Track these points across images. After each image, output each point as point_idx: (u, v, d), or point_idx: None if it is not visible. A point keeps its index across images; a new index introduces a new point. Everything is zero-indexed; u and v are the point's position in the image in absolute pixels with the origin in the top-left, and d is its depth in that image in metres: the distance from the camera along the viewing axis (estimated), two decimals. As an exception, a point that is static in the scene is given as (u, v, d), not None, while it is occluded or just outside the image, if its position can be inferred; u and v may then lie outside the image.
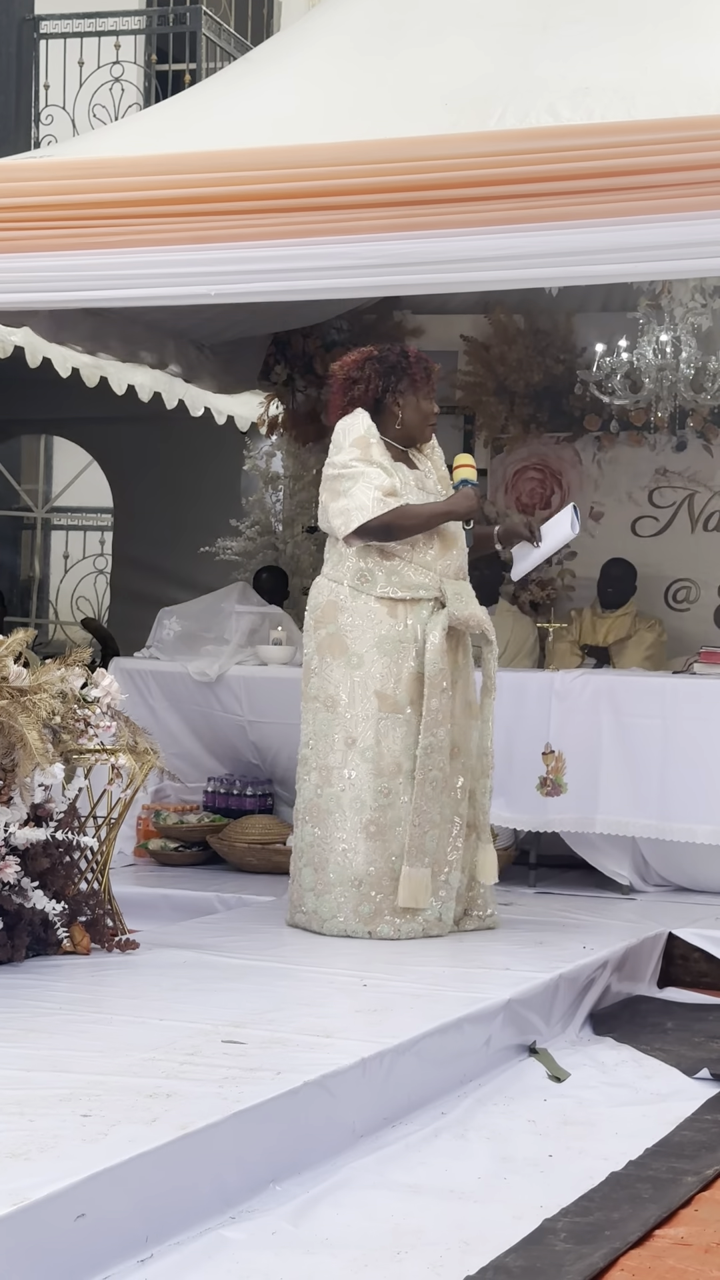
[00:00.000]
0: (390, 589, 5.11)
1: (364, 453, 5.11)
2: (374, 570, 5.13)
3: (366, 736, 5.06)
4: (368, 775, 5.05)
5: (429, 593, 5.11)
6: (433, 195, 5.33)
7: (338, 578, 5.18)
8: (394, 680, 5.07)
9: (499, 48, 5.84)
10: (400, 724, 5.05)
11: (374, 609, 5.10)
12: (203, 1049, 3.55)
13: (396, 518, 5.05)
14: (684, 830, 5.89)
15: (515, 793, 6.01)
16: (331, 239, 5.44)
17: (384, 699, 5.06)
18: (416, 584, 5.11)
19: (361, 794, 5.05)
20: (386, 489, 5.06)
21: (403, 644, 5.08)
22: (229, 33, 11.38)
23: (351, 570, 5.15)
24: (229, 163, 5.65)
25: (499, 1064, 4.12)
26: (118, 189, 5.72)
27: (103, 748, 4.71)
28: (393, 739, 5.05)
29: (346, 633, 5.12)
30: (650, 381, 7.23)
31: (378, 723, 5.05)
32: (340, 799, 5.08)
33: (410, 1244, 2.93)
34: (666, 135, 5.17)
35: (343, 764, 5.08)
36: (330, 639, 5.15)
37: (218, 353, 8.16)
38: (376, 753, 5.05)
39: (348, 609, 5.13)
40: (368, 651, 5.09)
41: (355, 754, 5.07)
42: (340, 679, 5.12)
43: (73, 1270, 2.63)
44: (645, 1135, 3.66)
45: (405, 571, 5.12)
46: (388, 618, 5.10)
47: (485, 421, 8.30)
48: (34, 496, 12.68)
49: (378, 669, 5.07)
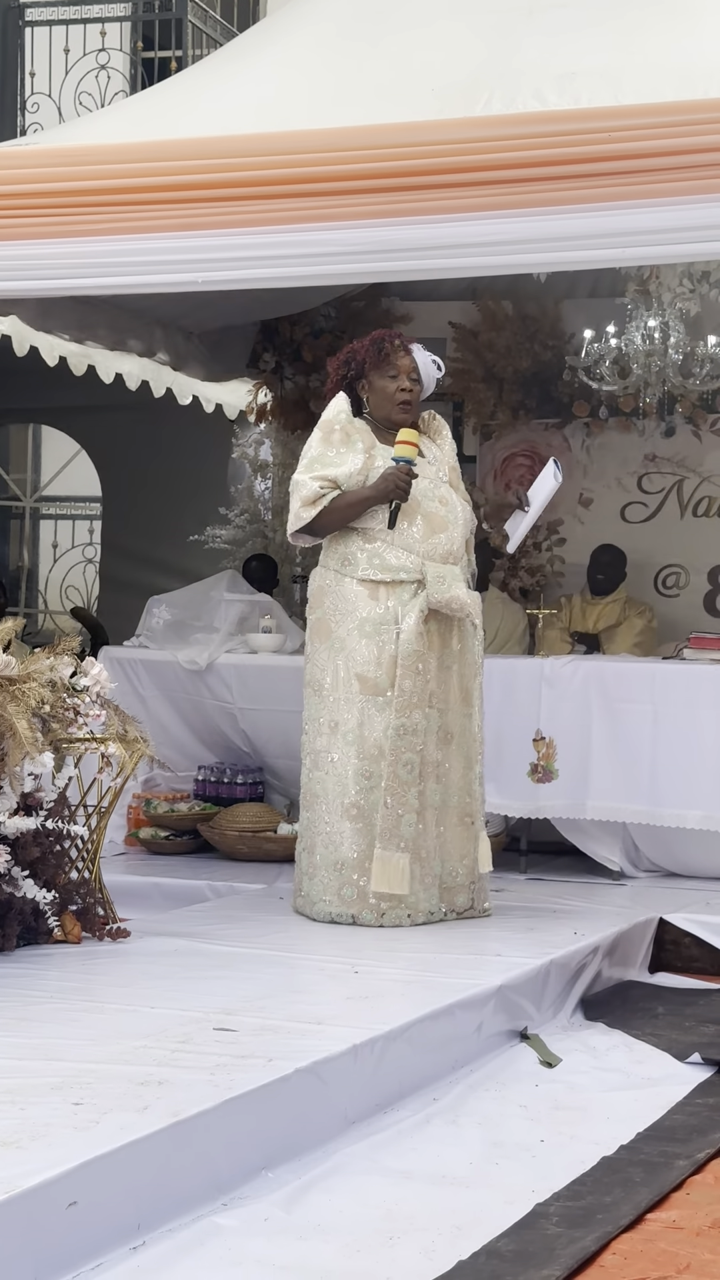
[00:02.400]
0: (371, 571, 5.10)
1: (325, 435, 5.14)
2: (355, 554, 5.12)
3: (349, 720, 5.06)
4: (351, 758, 5.04)
5: (410, 575, 5.09)
6: (420, 181, 5.32)
7: (326, 562, 5.20)
8: (375, 663, 5.05)
9: (485, 33, 5.82)
10: (382, 707, 5.03)
11: (356, 592, 5.10)
12: (194, 1037, 3.55)
13: (322, 518, 5.09)
14: (674, 815, 5.90)
15: (506, 779, 6.01)
16: (319, 225, 5.43)
17: (365, 682, 5.05)
18: (397, 566, 5.10)
19: (344, 777, 5.04)
20: (309, 498, 5.07)
21: (383, 626, 5.06)
22: (215, 19, 11.35)
23: (336, 554, 5.16)
24: (215, 150, 5.64)
25: (490, 1050, 4.12)
26: (104, 176, 5.70)
27: (92, 736, 4.70)
28: (375, 722, 5.03)
29: (330, 617, 5.13)
30: (639, 367, 7.23)
31: (360, 706, 5.05)
32: (326, 783, 5.09)
33: (402, 1229, 2.93)
34: (653, 120, 5.16)
35: (328, 748, 5.09)
36: (318, 623, 5.16)
37: (205, 340, 8.14)
38: (359, 736, 5.04)
39: (331, 592, 5.14)
40: (349, 635, 5.08)
41: (339, 738, 5.07)
42: (325, 663, 5.12)
43: (65, 1258, 2.63)
44: (637, 1119, 3.67)
45: (386, 554, 5.10)
46: (368, 600, 5.09)
47: (474, 408, 8.29)
48: (22, 486, 12.65)
49: (359, 652, 5.07)
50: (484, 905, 5.24)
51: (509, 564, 7.93)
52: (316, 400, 8.50)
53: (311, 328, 8.35)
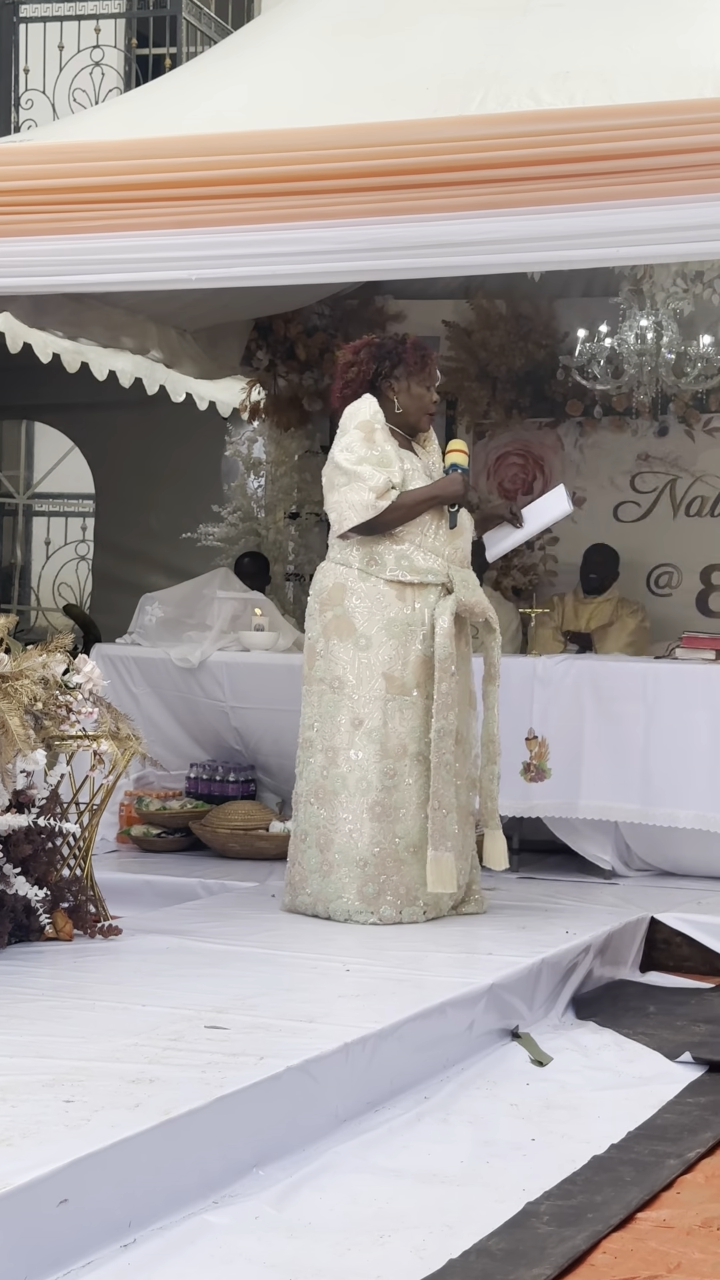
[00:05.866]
0: (400, 572, 5.12)
1: (367, 435, 5.13)
2: (383, 554, 5.14)
3: (374, 717, 5.07)
4: (374, 756, 5.06)
5: (437, 577, 5.14)
6: (414, 180, 5.32)
7: (345, 561, 5.18)
8: (401, 663, 5.08)
9: (479, 31, 5.82)
10: (407, 706, 5.07)
11: (383, 591, 5.12)
12: (185, 1034, 3.55)
13: (387, 514, 5.09)
14: (666, 815, 5.90)
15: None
16: (313, 223, 5.43)
17: (391, 681, 5.08)
18: (425, 569, 5.13)
19: (368, 775, 5.06)
20: (380, 488, 5.07)
21: (411, 627, 5.09)
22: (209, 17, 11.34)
23: (360, 554, 5.16)
24: (210, 147, 5.64)
25: (482, 1048, 4.13)
26: (98, 173, 5.70)
27: (85, 734, 4.70)
28: (399, 721, 5.07)
29: (354, 614, 5.12)
30: (632, 367, 7.24)
31: (385, 704, 5.07)
32: (346, 780, 5.09)
33: (393, 1227, 2.93)
34: (648, 120, 5.16)
35: (349, 745, 5.09)
36: (337, 620, 5.15)
37: (199, 338, 8.13)
38: (383, 734, 5.06)
39: (356, 591, 5.14)
40: (376, 633, 5.10)
41: (362, 735, 5.08)
42: (348, 660, 5.12)
43: (55, 1256, 2.63)
44: (627, 1118, 3.67)
45: (414, 556, 5.14)
46: (396, 600, 5.11)
47: (467, 407, 8.30)
48: (15, 482, 12.64)
49: (385, 651, 5.09)
50: (478, 899, 5.24)
51: (502, 563, 7.94)
52: (310, 398, 8.51)
53: (305, 326, 8.35)
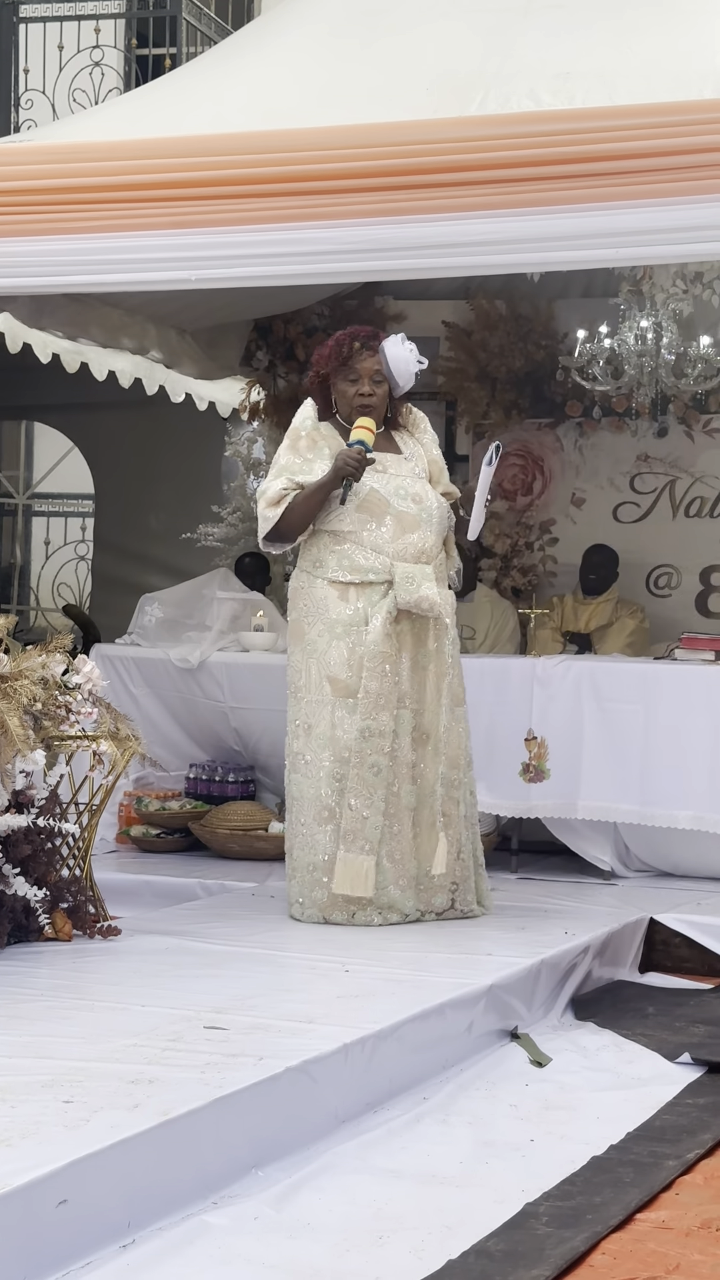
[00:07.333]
0: (340, 573, 5.09)
1: (292, 443, 5.16)
2: (325, 555, 5.12)
3: (322, 722, 5.04)
4: (324, 761, 5.02)
5: (379, 576, 5.06)
6: (414, 180, 5.32)
7: (301, 565, 5.19)
8: (345, 665, 5.03)
9: (480, 32, 5.82)
10: (353, 709, 5.00)
11: (326, 593, 5.09)
12: (185, 1035, 3.55)
13: (285, 517, 5.08)
14: (665, 816, 5.90)
15: (497, 779, 6.01)
16: (312, 224, 5.43)
17: (336, 683, 5.04)
18: (365, 567, 5.07)
19: (318, 779, 5.03)
20: (273, 498, 5.08)
21: (353, 628, 5.04)
22: (209, 17, 11.34)
23: (309, 557, 5.16)
24: (209, 147, 5.64)
25: (481, 1049, 4.12)
26: (98, 174, 5.70)
27: (84, 734, 4.70)
28: (346, 725, 5.01)
29: (303, 618, 5.12)
30: (631, 367, 7.23)
31: (332, 708, 5.03)
32: (303, 786, 5.07)
33: (392, 1228, 2.93)
34: (647, 120, 5.17)
35: (304, 749, 5.08)
36: (293, 625, 5.17)
37: (199, 338, 8.14)
38: (331, 738, 5.02)
39: (303, 594, 5.14)
40: (320, 636, 5.07)
41: (313, 740, 5.05)
42: (300, 665, 5.12)
43: (54, 1257, 2.63)
44: (626, 1119, 3.67)
45: (355, 555, 5.08)
46: (338, 601, 5.08)
47: (467, 407, 8.29)
48: (15, 483, 12.64)
49: (331, 654, 5.05)
50: (469, 906, 5.17)
51: (501, 563, 7.94)
52: (309, 399, 8.51)
53: (305, 326, 8.35)
